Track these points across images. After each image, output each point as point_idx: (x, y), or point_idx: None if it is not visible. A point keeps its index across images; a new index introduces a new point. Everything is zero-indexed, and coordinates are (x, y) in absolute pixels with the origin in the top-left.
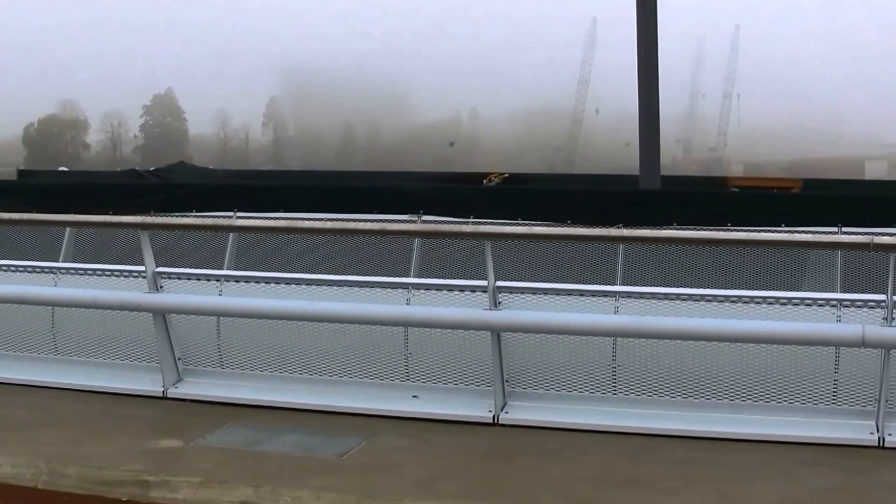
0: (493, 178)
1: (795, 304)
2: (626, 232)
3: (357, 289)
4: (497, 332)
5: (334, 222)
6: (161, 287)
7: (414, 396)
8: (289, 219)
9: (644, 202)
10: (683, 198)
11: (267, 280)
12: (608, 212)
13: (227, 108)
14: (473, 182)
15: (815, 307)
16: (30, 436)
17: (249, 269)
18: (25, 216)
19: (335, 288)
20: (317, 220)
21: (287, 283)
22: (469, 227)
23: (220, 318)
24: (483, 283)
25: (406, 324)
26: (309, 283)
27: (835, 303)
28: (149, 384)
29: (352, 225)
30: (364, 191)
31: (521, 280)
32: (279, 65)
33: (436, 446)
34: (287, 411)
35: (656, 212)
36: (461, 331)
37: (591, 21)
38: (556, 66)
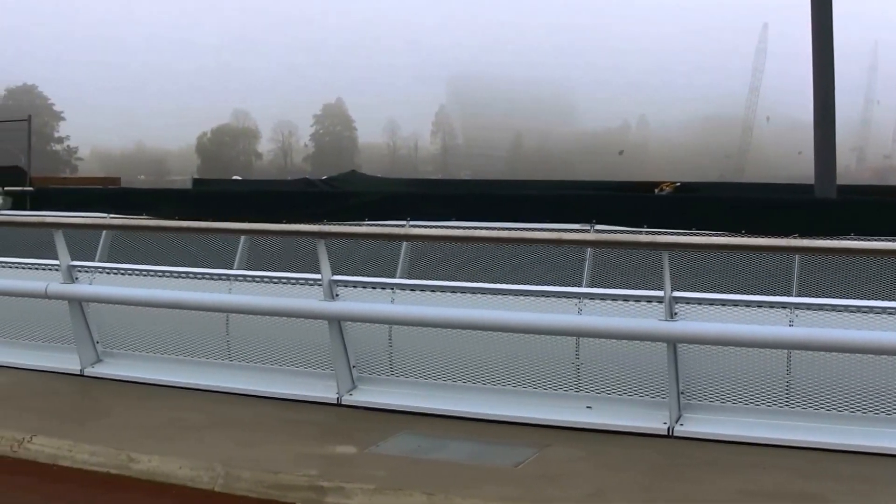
0: (664, 188)
1: None
2: (803, 242)
3: (528, 298)
4: (674, 343)
5: (510, 231)
6: (337, 295)
7: (587, 407)
8: (463, 227)
9: (820, 211)
10: (862, 207)
11: (442, 289)
12: (783, 221)
13: (397, 118)
14: (644, 191)
15: None
16: (207, 439)
17: (422, 278)
18: (203, 225)
19: (507, 297)
20: (491, 228)
21: (460, 293)
22: (646, 237)
23: (392, 326)
24: (658, 293)
25: (579, 334)
26: (479, 291)
27: None
28: (323, 391)
29: (527, 234)
30: (535, 199)
31: (694, 290)
32: (447, 74)
33: (609, 458)
34: (460, 420)
35: (833, 221)
36: (634, 341)
37: (762, 27)
38: (725, 73)
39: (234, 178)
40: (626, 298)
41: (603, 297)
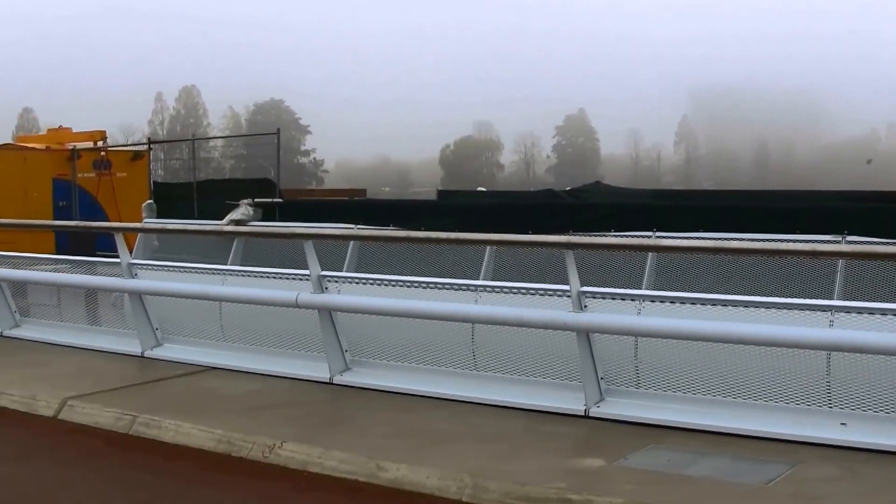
0: None
1: None
2: None
3: (778, 311)
4: None
5: (763, 243)
6: (585, 306)
7: (842, 424)
8: (715, 238)
9: None
10: None
11: (692, 301)
12: None
13: (639, 128)
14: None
15: None
16: (456, 450)
17: (668, 290)
18: (451, 235)
19: (757, 310)
20: (741, 239)
21: (710, 305)
22: None
23: (638, 337)
24: None
25: (830, 348)
26: (730, 304)
27: None
28: (570, 402)
29: (781, 245)
30: (783, 211)
31: None
32: (690, 84)
33: (868, 479)
34: (709, 434)
35: None
36: (891, 356)
37: None
38: None
39: (479, 189)
40: (883, 312)
41: (859, 311)
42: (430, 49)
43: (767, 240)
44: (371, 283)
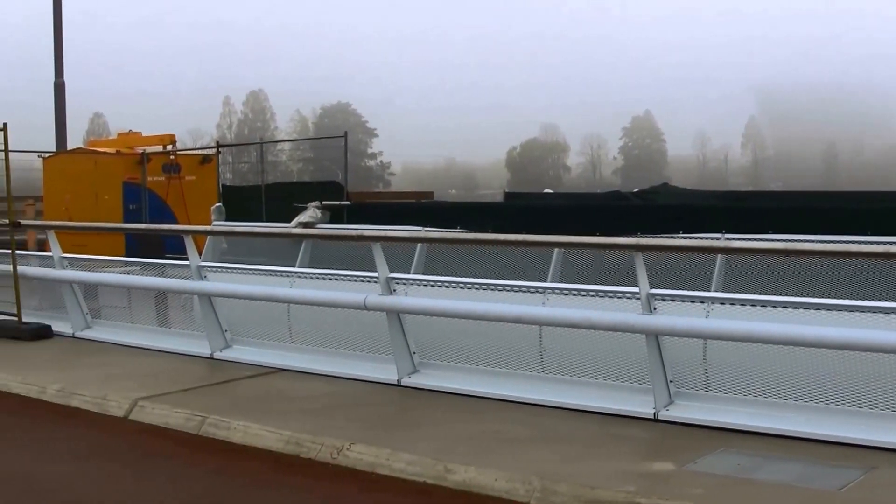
0: None
1: None
2: None
3: (851, 313)
4: None
5: (834, 244)
6: (655, 309)
7: None
8: (786, 241)
9: None
10: None
11: (763, 304)
12: None
13: (706, 129)
14: None
15: None
16: (524, 452)
17: (738, 292)
18: (519, 238)
19: (828, 313)
20: (813, 241)
21: (781, 307)
22: None
23: (707, 340)
24: None
25: None
26: (801, 306)
27: None
28: (639, 405)
29: (853, 247)
30: (853, 212)
31: None
32: (756, 86)
33: None
34: (779, 438)
35: None
36: None
37: None
38: None
39: (546, 191)
40: None
41: None
42: (496, 52)
43: (838, 241)
44: (439, 286)
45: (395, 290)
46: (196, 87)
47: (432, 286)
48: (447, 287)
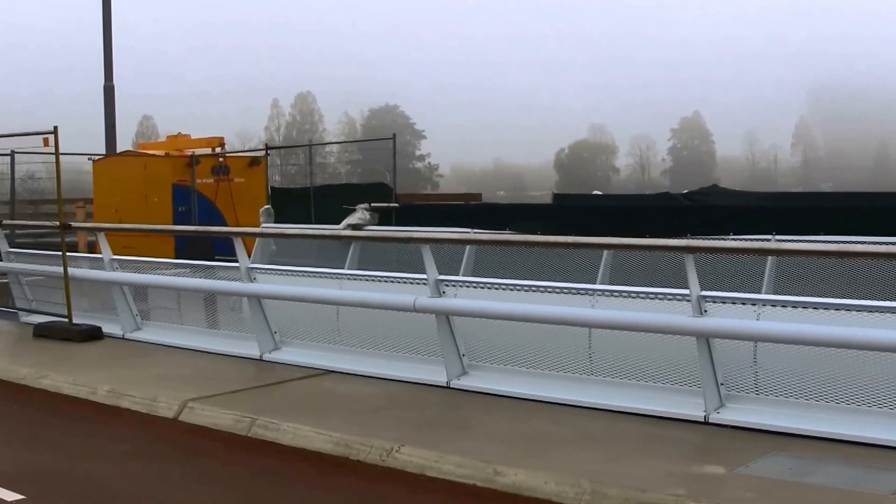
0: None
1: None
2: None
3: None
4: None
5: (888, 246)
6: (705, 311)
7: None
8: (839, 242)
9: None
10: None
11: (815, 306)
12: None
13: (755, 130)
14: None
15: None
16: (573, 455)
17: (789, 294)
18: (569, 239)
19: (879, 314)
20: (867, 243)
21: (833, 310)
22: None
23: (758, 342)
24: None
25: None
26: (853, 308)
27: None
28: (689, 408)
29: None
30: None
31: None
32: (807, 85)
33: None
34: (830, 442)
35: None
36: None
37: None
38: None
39: (595, 192)
40: None
41: None
42: (544, 53)
43: (892, 242)
44: (488, 287)
45: (444, 292)
46: (244, 90)
47: (481, 288)
48: (496, 289)
